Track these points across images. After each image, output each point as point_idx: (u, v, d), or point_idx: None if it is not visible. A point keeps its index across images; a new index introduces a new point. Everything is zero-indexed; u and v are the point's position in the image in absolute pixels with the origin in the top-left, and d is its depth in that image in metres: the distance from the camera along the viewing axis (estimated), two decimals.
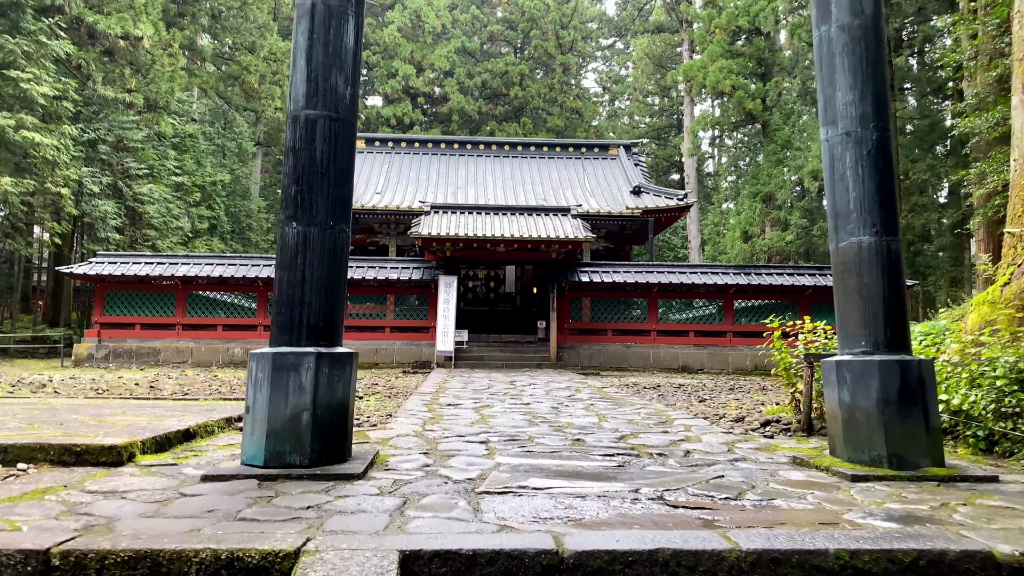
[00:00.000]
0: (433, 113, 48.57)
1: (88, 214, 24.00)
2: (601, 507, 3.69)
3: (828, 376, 5.11)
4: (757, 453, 5.66)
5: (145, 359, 19.26)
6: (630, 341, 20.54)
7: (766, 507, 3.78)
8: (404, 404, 8.93)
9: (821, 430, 6.97)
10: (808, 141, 33.75)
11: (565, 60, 49.32)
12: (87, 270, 18.97)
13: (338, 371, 4.67)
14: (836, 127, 5.12)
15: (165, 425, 5.88)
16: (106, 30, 23.90)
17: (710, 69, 36.07)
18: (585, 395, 10.81)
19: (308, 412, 4.51)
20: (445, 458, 5.14)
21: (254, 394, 4.59)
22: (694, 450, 5.75)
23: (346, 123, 4.89)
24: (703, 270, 21.03)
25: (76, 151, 23.47)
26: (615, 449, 5.69)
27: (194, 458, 5.05)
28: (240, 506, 3.60)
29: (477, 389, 11.78)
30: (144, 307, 19.69)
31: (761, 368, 20.23)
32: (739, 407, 9.35)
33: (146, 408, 7.48)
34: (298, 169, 4.76)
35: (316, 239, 4.71)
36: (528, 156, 30.88)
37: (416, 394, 10.54)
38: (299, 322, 4.65)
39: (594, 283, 20.24)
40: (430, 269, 20.50)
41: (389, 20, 47.59)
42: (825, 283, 20.20)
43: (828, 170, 5.21)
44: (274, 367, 4.54)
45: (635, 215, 25.54)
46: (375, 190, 27.16)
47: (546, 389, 11.99)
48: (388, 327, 20.38)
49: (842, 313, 5.13)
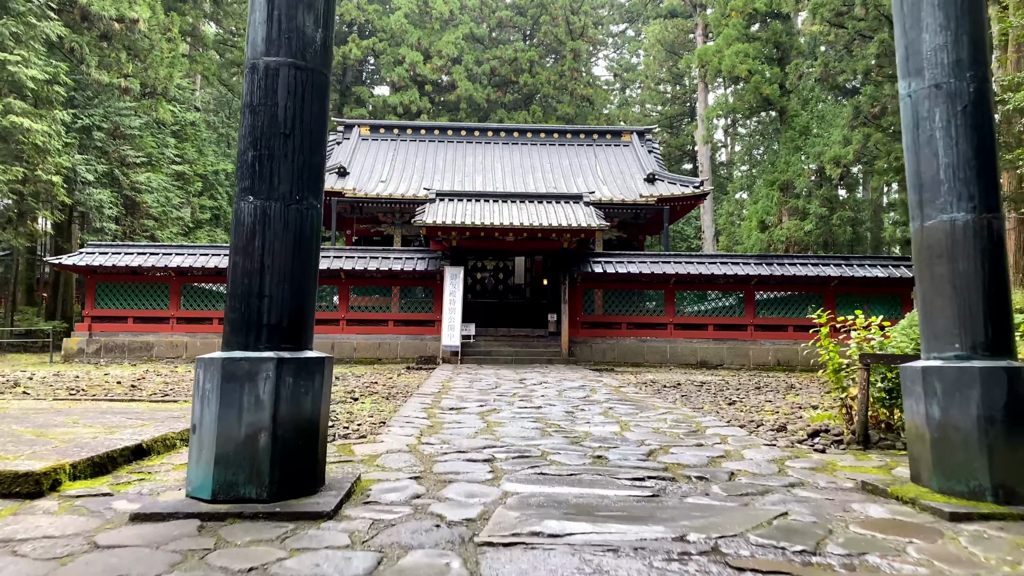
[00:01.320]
0: (441, 102, 47.56)
1: (82, 203, 23.20)
2: (641, 569, 2.77)
3: (910, 385, 4.15)
4: (815, 475, 4.72)
5: (138, 354, 18.45)
6: (646, 335, 19.57)
7: (860, 569, 2.84)
8: (402, 408, 8.02)
9: (879, 442, 6.03)
10: (828, 127, 32.62)
11: (575, 46, 48.17)
12: (76, 261, 18.15)
13: (305, 381, 3.76)
14: (921, 78, 4.14)
15: (114, 440, 4.99)
16: (100, 12, 23.03)
17: (726, 53, 34.87)
18: (601, 396, 9.88)
19: (267, 433, 3.60)
20: (440, 485, 4.23)
21: (201, 410, 3.69)
22: (739, 471, 4.81)
23: (316, 73, 3.96)
24: (723, 260, 20.00)
25: (69, 138, 22.67)
26: (645, 470, 4.76)
27: (137, 484, 4.15)
28: (160, 568, 2.70)
29: (483, 389, 10.87)
30: (137, 300, 18.87)
31: (784, 363, 19.26)
32: (775, 411, 8.39)
33: (108, 416, 6.61)
34: (256, 130, 3.84)
35: (278, 216, 3.79)
36: (538, 143, 29.88)
37: (416, 395, 9.65)
38: (257, 320, 3.74)
39: (608, 274, 19.27)
40: (435, 260, 19.59)
41: (396, 6, 46.55)
42: (851, 274, 19.16)
43: (910, 133, 4.23)
44: (225, 376, 3.63)
45: (649, 203, 24.53)
46: (380, 178, 26.24)
47: (558, 389, 11.06)
48: (391, 320, 19.49)
49: (928, 308, 4.17)
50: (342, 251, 19.83)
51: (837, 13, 24.65)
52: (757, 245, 34.97)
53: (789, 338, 19.55)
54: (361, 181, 25.62)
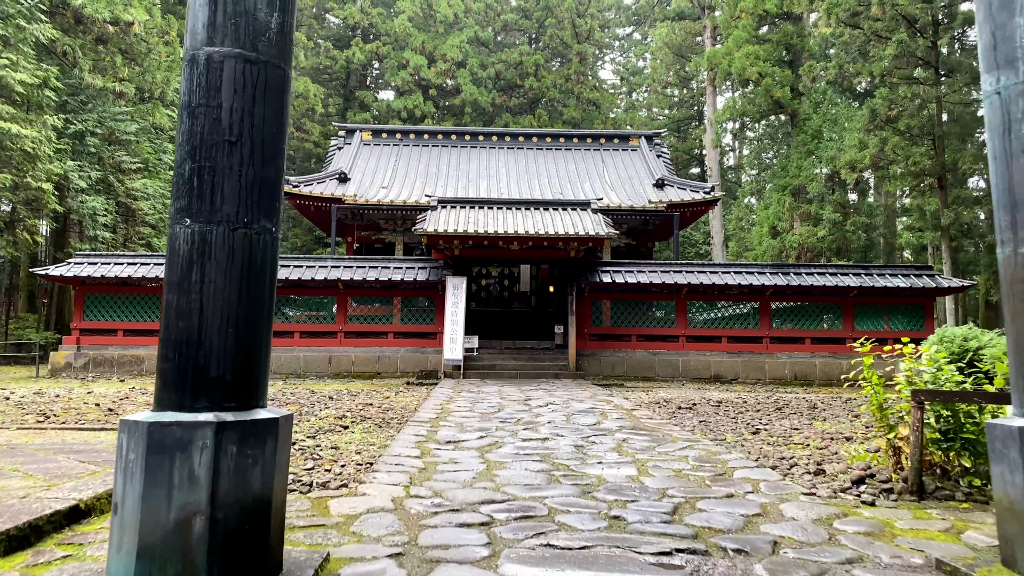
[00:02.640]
0: (445, 106, 46.93)
1: (75, 211, 22.56)
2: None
3: (1003, 450, 3.38)
4: (873, 544, 3.96)
5: (128, 368, 17.76)
6: (657, 348, 18.78)
7: None
8: (393, 443, 7.27)
9: (935, 492, 5.25)
10: (840, 131, 31.80)
11: (582, 49, 47.48)
12: (64, 271, 17.47)
13: (254, 449, 3.01)
14: (1015, 71, 3.38)
15: (47, 500, 4.26)
16: (94, 14, 22.42)
17: (736, 56, 34.13)
18: (613, 423, 9.11)
19: (203, 517, 2.86)
20: (426, 567, 3.47)
21: (123, 486, 2.95)
22: (782, 539, 4.05)
23: (271, 67, 3.22)
24: (736, 269, 19.19)
25: (61, 144, 22.04)
26: (671, 538, 4.00)
27: (58, 568, 3.41)
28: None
29: (485, 413, 10.12)
30: (127, 311, 18.19)
31: (801, 377, 18.46)
32: (804, 443, 7.62)
33: (60, 457, 5.88)
34: (195, 137, 3.10)
35: (220, 243, 3.05)
36: (544, 147, 29.14)
37: (412, 422, 8.90)
38: (193, 373, 3.00)
39: (617, 284, 18.50)
40: (437, 269, 18.86)
41: (399, 9, 45.95)
42: (872, 283, 18.34)
43: (998, 138, 3.47)
44: (152, 445, 2.89)
45: (659, 209, 23.77)
46: (381, 184, 25.55)
47: (566, 412, 10.30)
48: (391, 333, 18.76)
49: (1021, 353, 3.40)
50: (340, 260, 19.12)
51: (852, 13, 23.86)
52: (769, 251, 34.16)
53: (806, 351, 18.74)
54: (362, 187, 24.94)
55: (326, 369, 18.32)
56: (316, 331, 18.73)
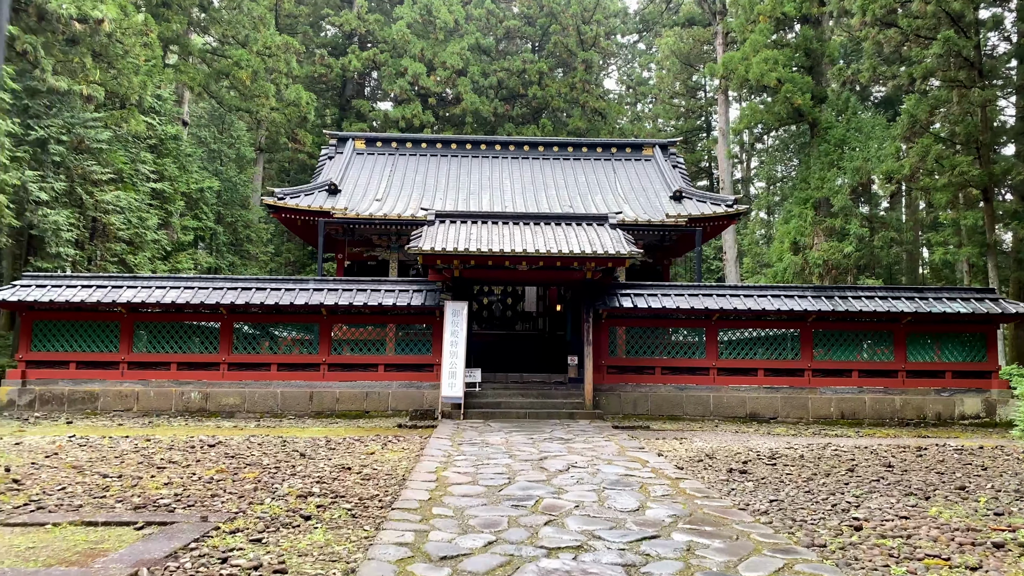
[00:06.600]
0: (446, 116, 44.92)
1: (36, 226, 20.41)
2: None
3: None
4: None
5: (79, 406, 15.53)
6: (684, 381, 16.55)
7: None
8: (363, 567, 5.02)
9: None
10: (866, 140, 29.73)
11: (587, 57, 45.50)
12: (7, 296, 15.26)
13: None
14: None
15: None
16: (58, 10, 20.36)
17: (753, 61, 32.07)
18: (663, 509, 6.86)
19: None
20: None
21: None
22: None
23: None
24: (774, 292, 16.95)
25: (20, 151, 19.92)
26: None
27: None
28: None
29: (492, 487, 7.88)
30: (81, 341, 15.98)
31: (849, 416, 16.26)
32: (938, 552, 5.37)
33: None
34: None
35: None
36: (551, 157, 27.02)
37: (397, 510, 6.67)
38: None
39: (638, 309, 16.29)
40: (434, 293, 16.67)
41: (398, 16, 44.04)
42: (928, 309, 16.14)
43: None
44: None
45: (679, 224, 21.59)
46: (374, 196, 23.40)
47: (595, 484, 8.07)
48: (382, 365, 16.54)
49: None
50: (324, 283, 16.92)
51: (889, 11, 21.80)
52: (790, 268, 32.00)
53: (853, 384, 16.52)
54: (354, 200, 22.79)
55: (306, 407, 16.09)
56: (296, 363, 16.51)
